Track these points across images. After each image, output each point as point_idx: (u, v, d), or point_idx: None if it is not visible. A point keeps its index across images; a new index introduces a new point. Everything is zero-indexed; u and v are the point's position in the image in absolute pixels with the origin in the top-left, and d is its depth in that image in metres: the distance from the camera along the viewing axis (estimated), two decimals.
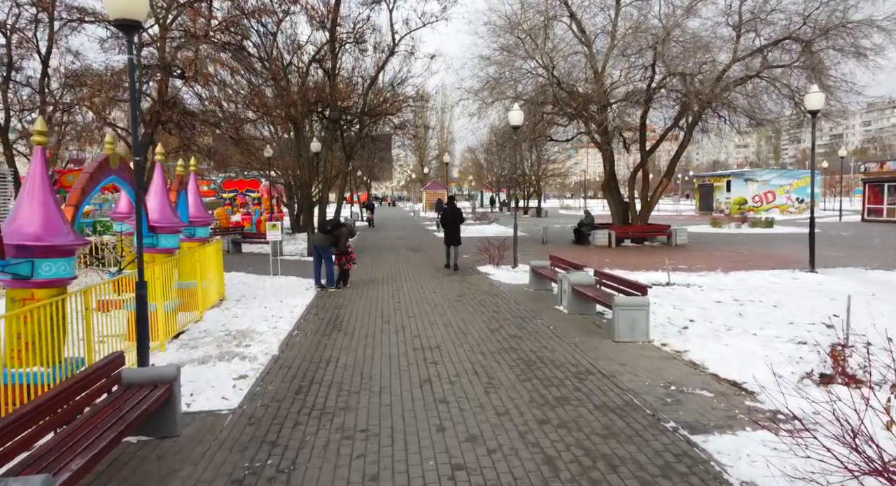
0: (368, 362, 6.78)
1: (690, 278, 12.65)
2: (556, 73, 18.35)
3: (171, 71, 11.84)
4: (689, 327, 7.99)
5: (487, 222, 34.27)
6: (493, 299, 10.63)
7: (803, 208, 41.78)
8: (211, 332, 8.41)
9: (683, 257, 16.59)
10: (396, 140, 41.05)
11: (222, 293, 11.08)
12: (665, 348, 7.02)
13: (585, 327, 8.25)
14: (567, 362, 6.55)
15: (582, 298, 9.00)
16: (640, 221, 21.16)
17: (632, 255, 17.76)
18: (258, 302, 10.75)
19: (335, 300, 10.84)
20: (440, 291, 11.66)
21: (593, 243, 20.29)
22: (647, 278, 12.68)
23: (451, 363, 6.65)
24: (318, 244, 12.24)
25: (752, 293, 10.72)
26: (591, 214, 21.71)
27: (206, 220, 10.25)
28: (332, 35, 17.85)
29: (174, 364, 4.72)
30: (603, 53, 20.15)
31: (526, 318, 9.00)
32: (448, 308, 9.89)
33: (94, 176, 5.99)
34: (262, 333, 8.27)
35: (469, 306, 10.08)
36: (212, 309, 10.10)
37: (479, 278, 13.27)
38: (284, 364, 6.75)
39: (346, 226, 12.47)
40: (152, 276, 7.49)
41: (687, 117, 20.44)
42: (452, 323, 8.73)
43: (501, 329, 8.28)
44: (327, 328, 8.58)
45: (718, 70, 17.73)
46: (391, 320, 9.00)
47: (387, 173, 73.89)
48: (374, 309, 9.95)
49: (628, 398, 5.35)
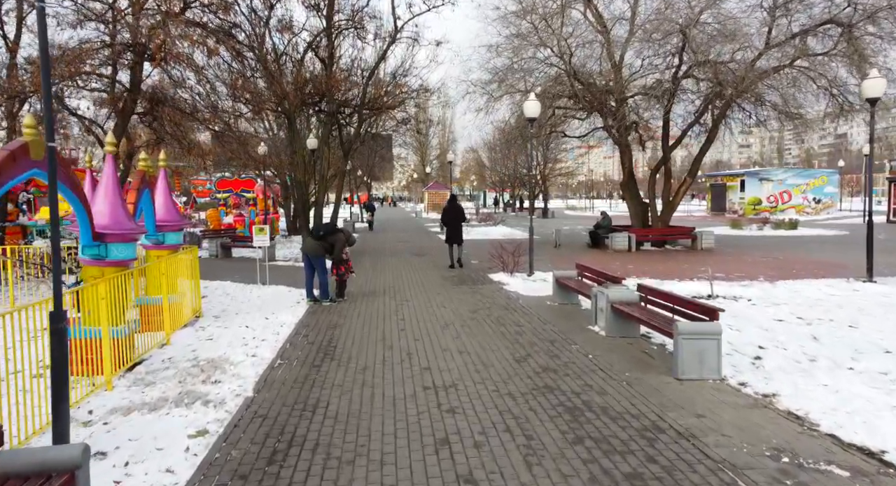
0: (366, 408, 5.27)
1: (734, 289, 11.13)
2: (572, 63, 16.84)
3: (144, 53, 10.34)
4: (762, 358, 6.48)
5: (493, 224, 32.78)
6: (512, 316, 9.11)
7: (820, 209, 40.25)
8: (176, 361, 6.90)
9: (715, 264, 15.06)
10: (398, 138, 39.57)
11: (198, 309, 9.57)
12: (746, 390, 5.50)
13: (633, 357, 6.73)
14: (625, 412, 5.04)
15: (623, 318, 7.49)
16: (661, 223, 19.64)
17: (656, 260, 16.23)
18: (240, 319, 9.25)
19: (329, 317, 9.33)
20: (450, 304, 10.15)
21: (611, 246, 18.77)
22: (683, 289, 11.17)
23: (473, 412, 5.14)
24: (309, 253, 10.67)
25: (815, 309, 9.20)
26: (608, 215, 20.19)
27: (177, 224, 8.75)
28: (328, 21, 16.36)
29: (80, 444, 3.21)
30: (621, 42, 18.68)
31: (556, 342, 7.49)
32: (461, 328, 8.37)
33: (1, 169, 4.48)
34: (238, 363, 6.76)
35: (486, 324, 8.56)
36: (184, 328, 8.60)
37: (493, 289, 11.76)
38: (259, 412, 5.24)
39: (343, 231, 10.88)
40: (94, 296, 5.99)
41: (712, 111, 18.92)
42: (469, 349, 7.22)
43: (530, 358, 6.77)
44: (317, 356, 7.08)
45: (750, 58, 16.21)
46: (394, 345, 7.49)
47: (387, 173, 72.45)
48: (374, 329, 8.44)
49: (729, 479, 3.83)
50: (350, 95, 17.93)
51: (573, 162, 54.59)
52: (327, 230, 10.75)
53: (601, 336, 7.71)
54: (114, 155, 6.43)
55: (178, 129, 11.62)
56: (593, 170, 77.14)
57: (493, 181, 59.67)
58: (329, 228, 10.86)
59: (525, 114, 13.58)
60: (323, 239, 10.56)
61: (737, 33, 16.28)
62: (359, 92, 16.94)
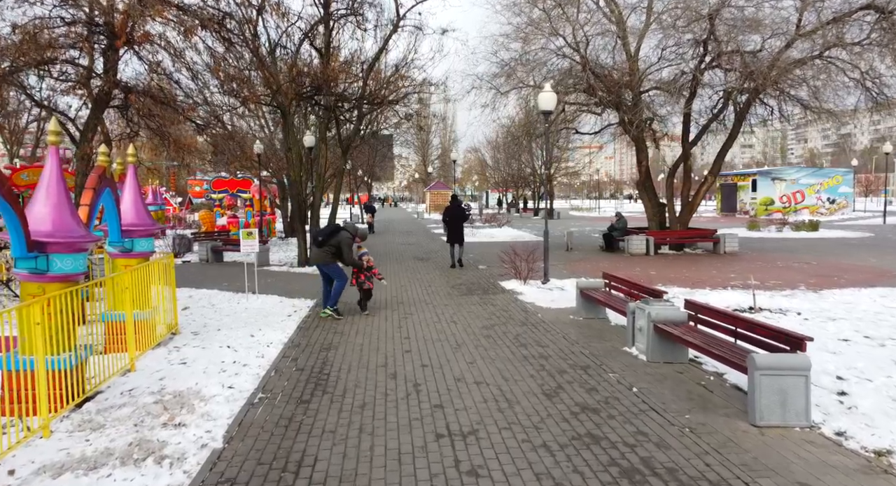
0: (364, 468, 4.11)
1: (776, 299, 9.96)
2: (588, 52, 15.67)
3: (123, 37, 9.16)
4: (848, 394, 5.31)
5: (498, 225, 31.57)
6: (533, 334, 7.95)
7: (834, 209, 39.05)
8: (137, 394, 5.75)
9: (745, 270, 13.89)
10: (398, 137, 38.42)
11: (175, 325, 8.42)
12: (849, 444, 4.33)
13: (688, 391, 5.56)
14: (700, 477, 3.87)
15: (668, 339, 6.33)
16: (681, 225, 18.46)
17: (679, 265, 15.05)
18: (222, 337, 8.10)
19: (323, 335, 8.17)
20: (461, 319, 8.98)
21: (627, 250, 17.59)
22: (719, 299, 10.01)
23: (501, 474, 3.98)
24: (317, 263, 9.45)
25: (880, 326, 8.02)
26: (623, 216, 19.02)
27: (148, 229, 7.59)
28: (326, 9, 15.20)
29: None
30: (636, 33, 17.53)
31: (590, 369, 6.32)
32: (475, 349, 7.21)
33: None
34: (211, 398, 5.61)
35: (504, 345, 7.40)
36: (156, 349, 7.46)
37: (506, 299, 10.60)
38: (226, 475, 4.08)
39: (346, 229, 9.54)
40: (27, 319, 4.85)
41: (735, 105, 17.75)
42: (487, 378, 6.06)
43: (562, 392, 5.61)
44: (306, 388, 5.92)
45: (779, 47, 15.04)
46: (398, 373, 6.33)
47: (388, 173, 71.35)
48: (373, 351, 7.28)
49: None
50: (349, 88, 16.77)
51: (583, 160, 53.32)
52: (328, 233, 9.40)
53: (642, 361, 6.54)
54: (57, 146, 5.27)
55: (154, 120, 10.45)
56: (600, 169, 75.96)
57: (496, 181, 58.49)
58: (328, 230, 9.51)
59: (539, 107, 12.42)
60: (325, 244, 9.31)
61: (765, 21, 15.13)
62: (358, 85, 15.78)
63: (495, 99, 19.78)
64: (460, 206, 15.05)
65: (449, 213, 14.83)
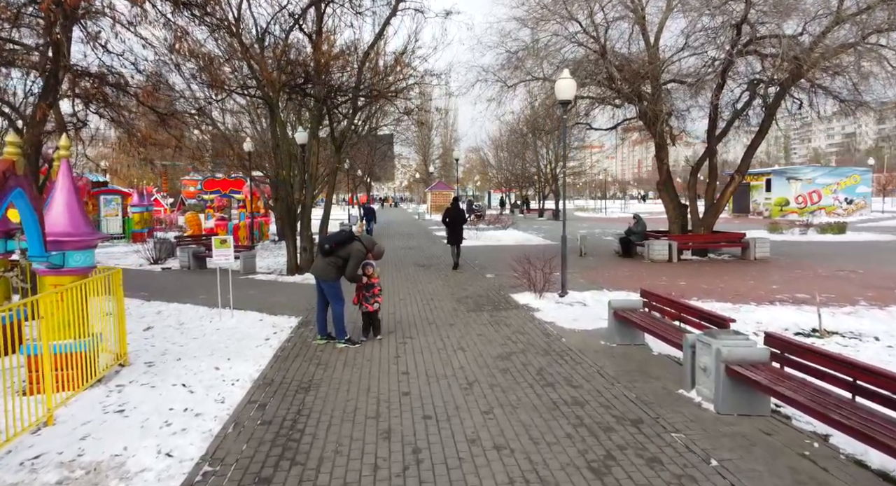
0: None
1: (839, 319, 8.47)
2: (607, 39, 14.20)
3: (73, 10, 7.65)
4: None
5: (502, 227, 30.00)
6: (560, 367, 6.47)
7: (852, 210, 37.50)
8: (40, 467, 4.29)
9: (786, 280, 12.41)
10: (399, 135, 36.92)
11: (124, 354, 6.94)
12: None
13: (793, 470, 4.06)
14: None
15: (746, 385, 4.84)
16: (705, 228, 16.96)
17: (709, 275, 13.55)
18: (181, 369, 6.63)
19: (303, 368, 6.68)
20: (470, 345, 7.50)
21: (648, 256, 16.09)
22: (770, 318, 8.54)
23: None
24: (318, 276, 7.78)
25: None
26: (641, 219, 17.52)
27: (84, 239, 6.09)
28: None
29: None
30: (655, 20, 16.06)
31: (644, 425, 4.84)
32: (491, 391, 5.73)
33: None
34: (136, 474, 4.13)
35: (526, 384, 5.92)
36: (94, 387, 6.00)
37: (521, 317, 9.12)
38: None
39: (360, 240, 7.84)
40: None
41: (765, 99, 16.26)
42: (510, 440, 4.57)
43: (614, 467, 4.12)
44: (270, 454, 4.44)
45: (820, 30, 13.55)
46: (393, 430, 4.84)
47: (389, 173, 69.92)
48: (363, 393, 5.80)
49: None
50: (343, 78, 15.29)
51: (586, 160, 51.88)
52: (339, 240, 7.70)
53: (710, 414, 5.05)
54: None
55: (111, 109, 8.96)
56: (607, 169, 74.56)
57: (498, 181, 57.00)
58: (342, 238, 7.77)
59: (558, 96, 10.93)
60: (333, 253, 7.66)
61: (803, 4, 13.65)
62: (352, 73, 14.28)
63: (501, 92, 18.40)
64: (460, 208, 15.43)
65: (449, 214, 15.06)
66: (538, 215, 45.23)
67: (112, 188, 28.70)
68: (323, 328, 7.90)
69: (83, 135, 12.74)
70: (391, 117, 25.11)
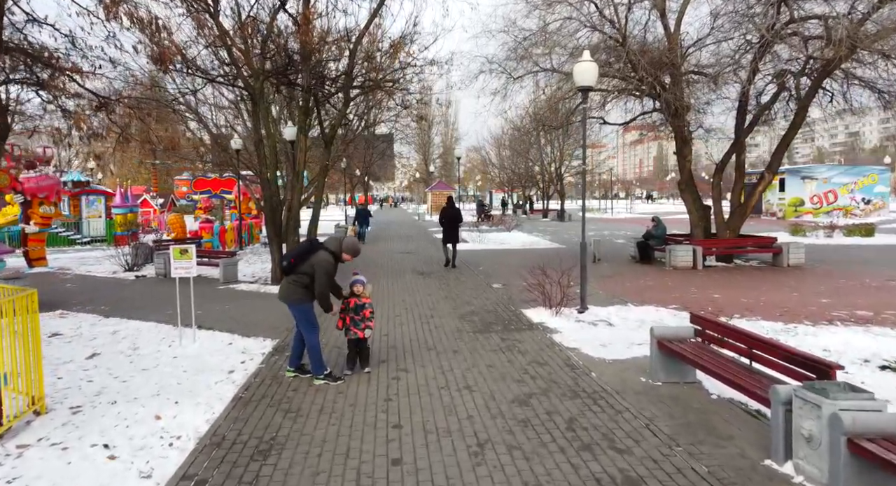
0: None
1: None
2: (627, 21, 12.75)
3: None
4: None
5: (506, 229, 28.47)
6: (597, 419, 5.01)
7: (870, 211, 36.01)
8: None
9: (834, 291, 10.96)
10: (399, 132, 35.45)
11: (41, 398, 5.48)
12: None
13: None
14: None
15: (874, 465, 3.39)
16: (731, 232, 15.50)
17: (743, 285, 12.08)
18: (109, 420, 5.20)
19: (267, 417, 5.22)
20: (478, 381, 6.04)
21: (670, 263, 14.62)
22: (836, 343, 7.09)
23: None
24: (282, 299, 6.28)
25: None
26: (661, 222, 16.06)
27: None
28: None
29: None
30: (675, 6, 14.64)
31: None
32: (510, 458, 4.27)
33: None
34: None
35: (555, 447, 4.46)
36: None
37: (539, 341, 7.66)
38: None
39: (326, 247, 6.16)
40: None
41: (797, 88, 14.80)
42: None
43: None
44: None
45: (865, 11, 12.11)
46: None
47: (388, 172, 68.52)
48: (339, 458, 4.34)
49: None
50: (334, 68, 13.86)
51: (591, 159, 50.42)
52: (298, 253, 6.20)
53: None
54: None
55: (44, 90, 7.53)
56: (613, 168, 73.15)
57: (500, 181, 55.54)
58: (301, 249, 6.28)
59: (576, 81, 9.51)
60: (294, 270, 6.12)
61: None
62: (343, 59, 12.84)
63: (507, 85, 17.01)
64: (456, 207, 15.65)
65: (445, 215, 15.30)
66: (542, 216, 43.77)
67: (95, 188, 27.26)
68: (296, 359, 6.43)
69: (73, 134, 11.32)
70: (390, 112, 23.64)
